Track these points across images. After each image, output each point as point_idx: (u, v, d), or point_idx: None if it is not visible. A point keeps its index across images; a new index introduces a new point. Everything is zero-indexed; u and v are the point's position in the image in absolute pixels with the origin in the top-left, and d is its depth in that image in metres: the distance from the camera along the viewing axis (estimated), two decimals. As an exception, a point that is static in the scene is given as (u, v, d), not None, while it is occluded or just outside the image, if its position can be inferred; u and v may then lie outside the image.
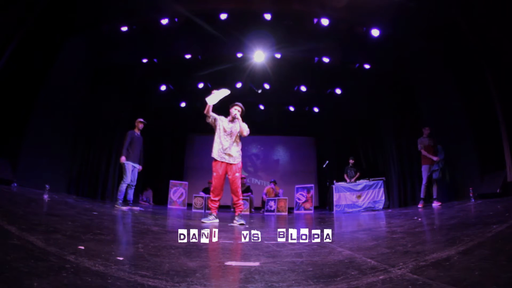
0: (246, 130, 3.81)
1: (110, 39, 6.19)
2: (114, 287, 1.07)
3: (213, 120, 3.86)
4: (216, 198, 3.76)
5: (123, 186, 5.06)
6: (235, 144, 3.79)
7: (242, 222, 3.62)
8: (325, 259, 1.59)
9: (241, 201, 3.80)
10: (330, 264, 1.49)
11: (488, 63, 4.44)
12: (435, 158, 5.40)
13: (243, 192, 8.25)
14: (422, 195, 5.33)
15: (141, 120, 5.44)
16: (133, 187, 5.26)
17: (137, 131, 5.39)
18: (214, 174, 3.75)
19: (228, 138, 3.80)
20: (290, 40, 6.43)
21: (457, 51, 5.14)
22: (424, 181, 5.37)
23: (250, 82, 8.42)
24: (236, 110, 3.84)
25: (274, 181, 8.58)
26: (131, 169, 5.17)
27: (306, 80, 8.41)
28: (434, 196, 5.25)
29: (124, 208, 4.84)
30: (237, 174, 3.74)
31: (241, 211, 3.77)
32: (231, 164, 3.74)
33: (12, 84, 4.55)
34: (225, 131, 3.83)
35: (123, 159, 5.11)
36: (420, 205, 5.23)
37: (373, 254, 1.66)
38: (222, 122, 3.87)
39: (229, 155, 3.74)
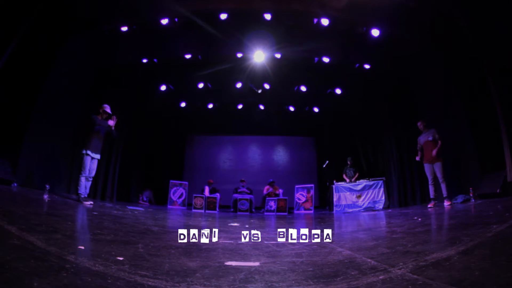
0: None
1: (110, 39, 6.19)
2: (114, 287, 1.07)
3: None
4: None
5: (82, 179, 4.71)
6: None
7: None
8: (325, 259, 1.59)
9: None
10: (330, 264, 1.49)
11: (488, 63, 4.45)
12: (417, 158, 5.29)
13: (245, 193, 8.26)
14: (431, 195, 5.09)
15: (106, 106, 4.96)
16: (91, 180, 4.94)
17: (100, 119, 4.95)
18: None
19: None
20: (290, 40, 6.42)
21: (457, 51, 5.14)
22: (430, 181, 5.15)
23: (250, 82, 8.41)
24: None
25: (270, 182, 8.56)
26: (90, 160, 4.80)
27: (306, 80, 8.39)
28: (444, 195, 4.91)
29: (86, 203, 4.47)
30: None
31: None
32: None
33: (12, 84, 4.55)
34: None
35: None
36: (430, 205, 4.98)
37: (373, 254, 1.66)
38: None
39: None
